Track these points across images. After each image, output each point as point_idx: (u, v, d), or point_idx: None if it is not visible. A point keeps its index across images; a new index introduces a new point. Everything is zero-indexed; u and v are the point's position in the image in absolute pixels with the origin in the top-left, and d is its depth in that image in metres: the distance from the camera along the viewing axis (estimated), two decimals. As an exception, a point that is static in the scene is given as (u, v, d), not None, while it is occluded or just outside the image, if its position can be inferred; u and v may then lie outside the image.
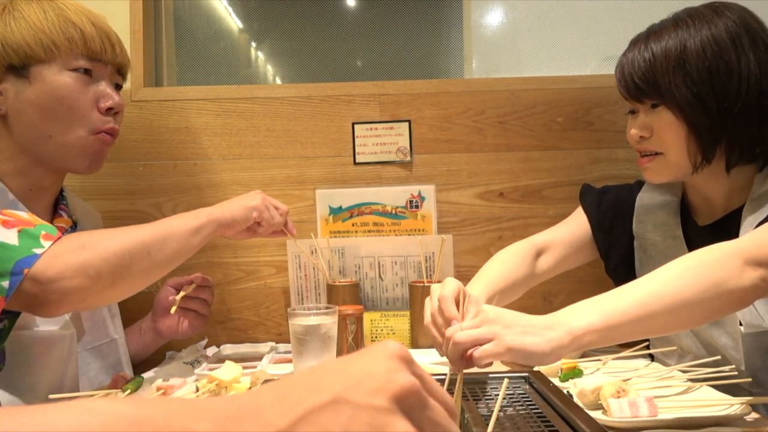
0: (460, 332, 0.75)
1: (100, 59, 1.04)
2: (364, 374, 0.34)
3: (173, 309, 1.15)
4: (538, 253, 1.17)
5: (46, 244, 0.81)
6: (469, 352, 0.75)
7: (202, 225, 1.00)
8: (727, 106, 0.97)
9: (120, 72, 1.10)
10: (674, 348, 1.07)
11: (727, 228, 1.01)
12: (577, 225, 1.22)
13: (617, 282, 1.21)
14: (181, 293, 1.17)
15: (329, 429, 0.31)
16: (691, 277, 0.78)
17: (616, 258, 1.20)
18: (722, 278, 0.77)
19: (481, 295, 1.01)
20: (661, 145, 1.04)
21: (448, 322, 0.83)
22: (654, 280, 0.80)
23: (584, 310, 0.77)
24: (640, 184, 1.21)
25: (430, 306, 0.90)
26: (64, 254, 0.81)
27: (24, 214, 0.84)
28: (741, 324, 0.97)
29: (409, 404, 0.33)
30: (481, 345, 0.74)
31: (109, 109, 1.05)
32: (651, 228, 1.14)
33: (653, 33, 1.03)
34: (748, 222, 0.99)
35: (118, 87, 1.10)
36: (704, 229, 1.08)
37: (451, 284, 0.89)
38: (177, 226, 0.96)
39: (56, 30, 0.99)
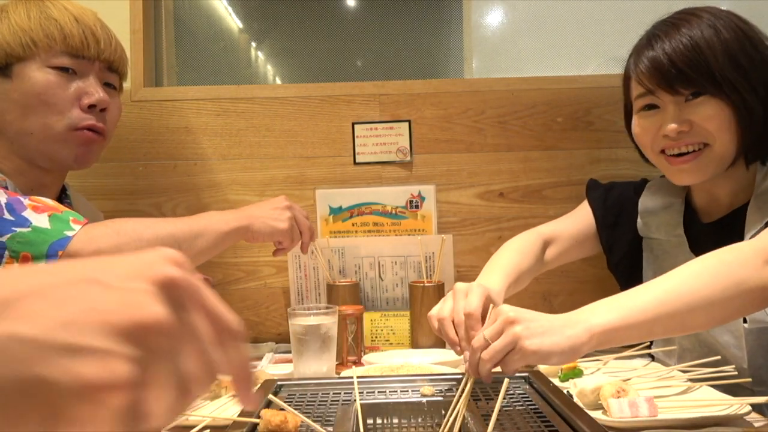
0: (485, 352, 0.76)
1: (82, 56, 1.02)
2: (126, 263, 0.30)
3: None
4: (545, 244, 1.18)
5: (76, 227, 0.84)
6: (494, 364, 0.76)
7: (231, 231, 1.03)
8: None
9: (112, 68, 1.08)
10: (674, 347, 1.07)
11: (731, 225, 1.01)
12: (582, 218, 1.22)
13: (619, 278, 1.22)
14: None
15: (71, 303, 0.27)
16: (710, 276, 0.78)
17: (619, 254, 1.20)
18: (743, 277, 0.77)
19: (500, 288, 1.01)
20: (706, 136, 0.98)
21: (469, 338, 0.84)
22: (673, 279, 0.79)
23: (603, 308, 0.77)
24: (645, 182, 1.21)
25: (451, 306, 0.89)
26: (100, 238, 0.84)
27: (50, 201, 0.87)
28: (745, 321, 0.97)
29: (172, 296, 0.29)
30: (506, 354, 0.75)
31: (92, 106, 1.03)
32: (654, 229, 1.14)
33: (678, 24, 0.99)
34: (754, 218, 0.99)
35: (110, 85, 1.08)
36: (708, 226, 1.08)
37: (477, 297, 0.87)
38: (209, 227, 1.00)
39: (36, 27, 0.99)
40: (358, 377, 0.81)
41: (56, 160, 1.03)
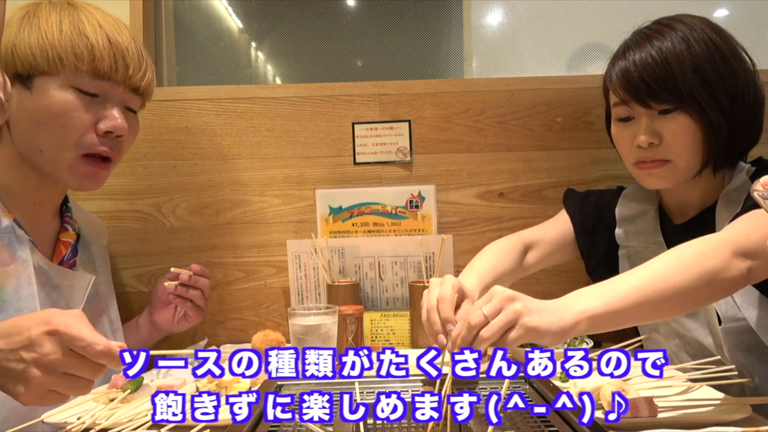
0: (485, 330, 0.76)
1: (108, 78, 0.98)
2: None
3: (168, 283, 1.17)
4: (526, 248, 1.19)
5: None
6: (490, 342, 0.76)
7: None
8: (737, 109, 1.00)
9: (138, 93, 1.04)
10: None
11: (702, 224, 1.05)
12: (561, 224, 1.24)
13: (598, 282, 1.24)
14: (179, 273, 1.18)
15: None
16: (684, 267, 0.81)
17: (597, 258, 1.23)
18: (712, 267, 0.81)
19: (473, 288, 1.02)
20: (670, 153, 1.02)
21: (444, 322, 0.85)
22: (650, 269, 0.83)
23: (588, 295, 0.81)
24: (620, 189, 1.24)
25: (427, 302, 0.91)
26: None
27: None
28: (720, 323, 1.00)
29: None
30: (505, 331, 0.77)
31: (108, 132, 0.99)
32: (633, 236, 1.17)
33: (651, 36, 1.02)
34: (723, 217, 1.02)
35: (131, 109, 1.05)
36: (680, 227, 1.10)
37: (449, 285, 0.90)
38: None
39: (65, 43, 0.95)
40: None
41: (61, 182, 1.02)
